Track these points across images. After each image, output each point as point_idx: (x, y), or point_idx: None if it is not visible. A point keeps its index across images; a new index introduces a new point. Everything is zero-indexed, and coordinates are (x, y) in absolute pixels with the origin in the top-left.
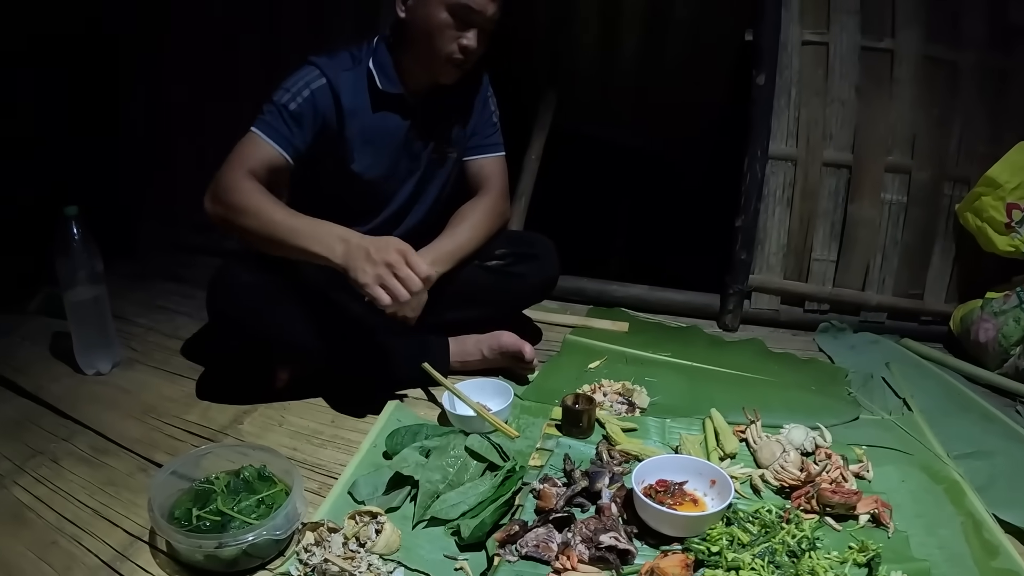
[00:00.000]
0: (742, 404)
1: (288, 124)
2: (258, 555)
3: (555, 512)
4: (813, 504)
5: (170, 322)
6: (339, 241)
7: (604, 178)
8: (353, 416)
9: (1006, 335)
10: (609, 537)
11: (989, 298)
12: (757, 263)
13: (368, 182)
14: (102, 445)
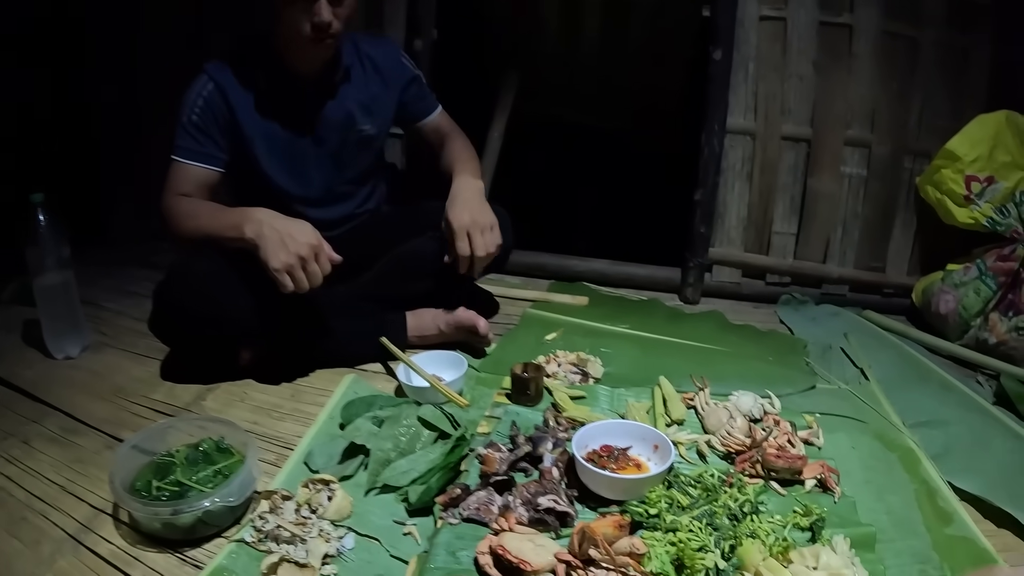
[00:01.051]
0: (694, 373)
1: (196, 138)
2: (214, 523)
3: (496, 476)
4: (758, 469)
5: (139, 306)
6: (252, 223)
7: (568, 159)
8: (316, 385)
9: (966, 307)
10: (548, 500)
11: (950, 270)
12: (717, 236)
13: (281, 173)
14: (71, 425)
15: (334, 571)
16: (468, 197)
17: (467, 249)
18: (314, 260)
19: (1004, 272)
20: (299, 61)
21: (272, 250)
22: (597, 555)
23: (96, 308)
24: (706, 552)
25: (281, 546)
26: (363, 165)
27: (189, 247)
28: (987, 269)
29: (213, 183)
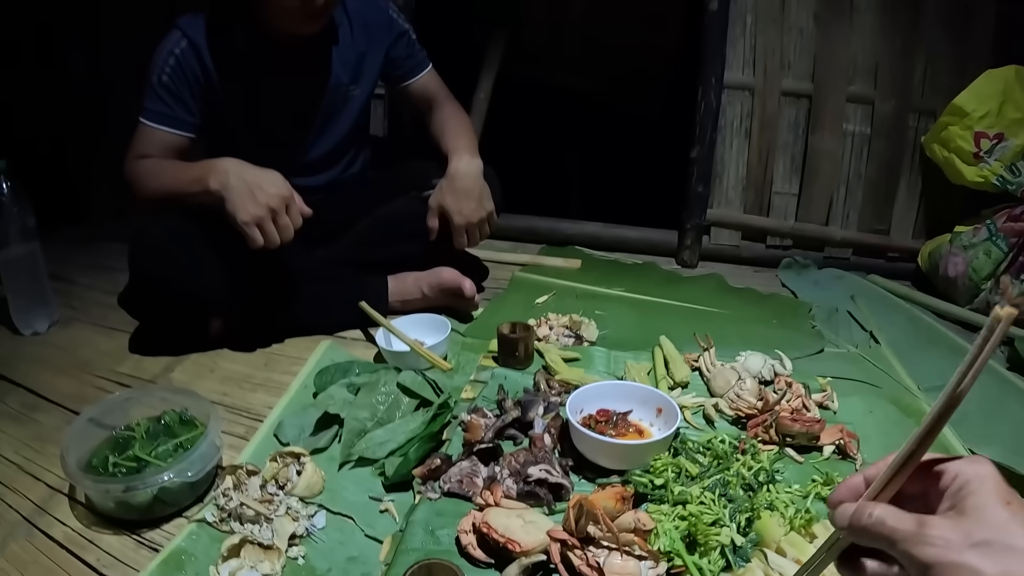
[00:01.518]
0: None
1: (165, 101)
2: (172, 501)
3: (481, 444)
4: (771, 434)
5: (112, 280)
6: (217, 173)
7: (557, 120)
8: (291, 354)
9: (976, 269)
10: (539, 470)
11: (958, 232)
12: (715, 197)
13: (260, 139)
14: (33, 402)
15: (302, 553)
16: (467, 185)
17: (464, 244)
18: (284, 212)
19: (1016, 233)
20: (290, 28)
21: (239, 202)
22: (597, 532)
23: (68, 284)
24: (720, 527)
25: (245, 526)
26: (348, 129)
27: (153, 210)
28: (998, 230)
29: (183, 149)
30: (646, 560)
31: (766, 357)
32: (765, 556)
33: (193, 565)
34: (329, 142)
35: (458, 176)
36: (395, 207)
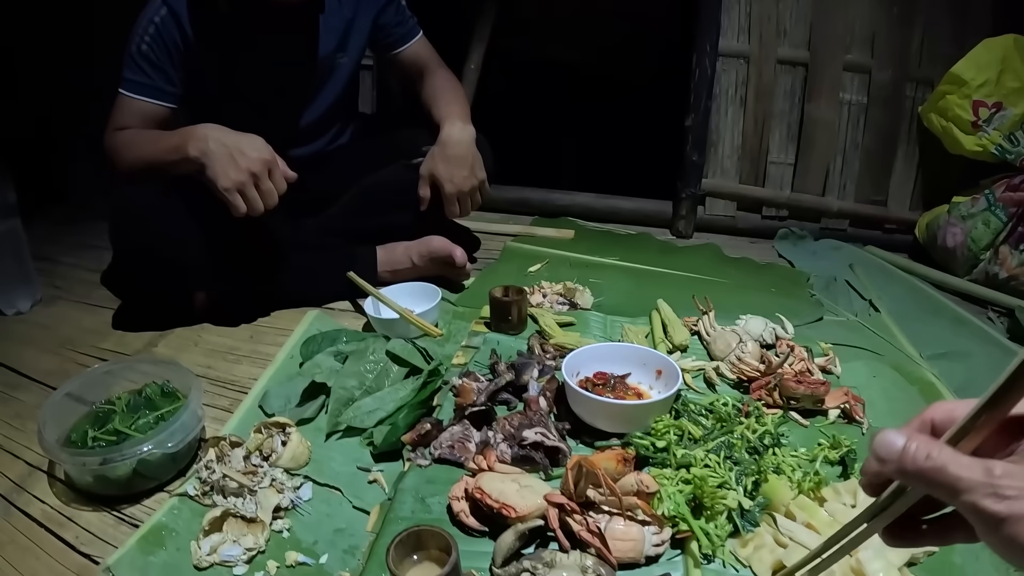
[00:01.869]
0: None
1: (145, 70)
2: (153, 475)
3: (473, 407)
4: (775, 397)
5: (97, 259)
6: (196, 140)
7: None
8: (274, 330)
9: (975, 239)
10: (535, 433)
11: (956, 202)
12: (710, 166)
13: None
14: (14, 380)
15: (287, 525)
16: (460, 152)
17: (456, 213)
18: (267, 177)
19: (1015, 203)
20: None
21: (220, 168)
22: (597, 496)
23: (52, 263)
24: (727, 490)
25: (228, 499)
26: (335, 98)
27: (132, 182)
28: (996, 200)
29: (163, 120)
30: (650, 525)
31: (767, 321)
32: (774, 520)
33: (174, 540)
34: (316, 112)
35: (450, 143)
36: (384, 175)
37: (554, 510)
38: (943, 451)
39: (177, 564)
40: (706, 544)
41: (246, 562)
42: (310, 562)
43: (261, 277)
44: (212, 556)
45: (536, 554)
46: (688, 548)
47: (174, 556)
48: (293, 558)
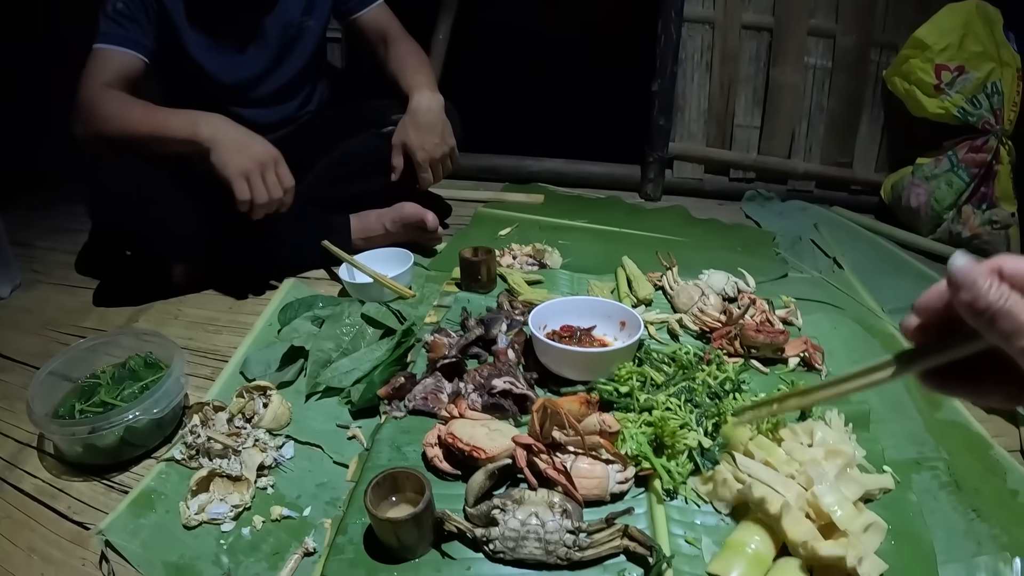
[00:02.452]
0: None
1: (120, 23)
2: (140, 442)
3: (444, 359)
4: (736, 346)
5: (73, 240)
6: (209, 122)
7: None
8: (255, 296)
9: (938, 199)
10: (503, 382)
11: (920, 163)
12: (677, 130)
13: (216, 69)
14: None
15: (271, 482)
16: (430, 120)
17: (428, 180)
18: (273, 171)
19: (977, 164)
20: None
21: (228, 155)
22: (563, 437)
23: (30, 248)
24: (688, 430)
25: (214, 460)
26: (304, 62)
27: (105, 149)
28: (959, 161)
29: (138, 75)
30: (614, 463)
31: (729, 275)
32: (733, 458)
33: (163, 503)
34: (284, 75)
35: (420, 112)
36: (355, 144)
37: (521, 450)
38: (1014, 295)
39: (167, 525)
40: (667, 481)
41: (233, 519)
42: (294, 515)
43: (238, 247)
44: (200, 515)
45: (506, 492)
46: (651, 486)
47: (164, 518)
48: (278, 512)
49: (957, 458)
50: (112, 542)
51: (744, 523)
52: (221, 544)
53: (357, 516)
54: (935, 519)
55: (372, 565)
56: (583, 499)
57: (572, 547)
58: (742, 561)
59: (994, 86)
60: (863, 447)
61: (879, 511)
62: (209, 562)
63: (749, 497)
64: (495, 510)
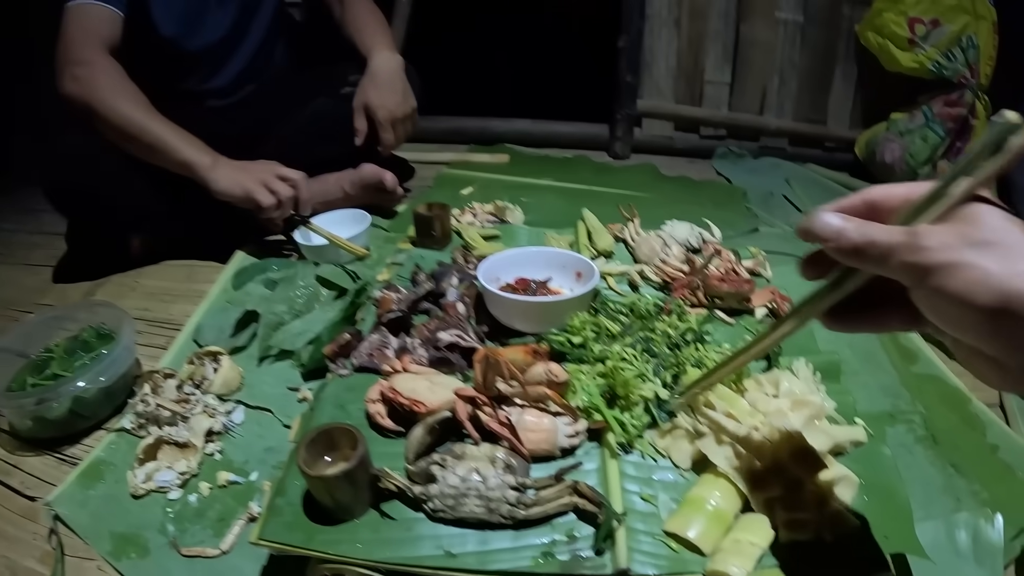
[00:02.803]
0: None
1: None
2: (89, 413)
3: (389, 314)
4: (700, 296)
5: (36, 220)
6: (208, 153)
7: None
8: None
9: (913, 154)
10: (450, 335)
11: (894, 119)
12: (646, 87)
13: (174, 22)
14: None
15: (219, 448)
16: (389, 80)
17: (390, 141)
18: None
19: (952, 118)
20: None
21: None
22: (508, 389)
23: None
24: (644, 381)
25: (163, 428)
26: (265, 25)
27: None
28: (934, 116)
29: (115, 32)
30: (563, 416)
31: (692, 225)
32: (692, 411)
33: (112, 473)
34: (245, 40)
35: (379, 71)
36: (315, 108)
37: (463, 403)
38: (872, 226)
39: (115, 495)
40: (620, 434)
41: (180, 486)
42: (240, 480)
43: (195, 216)
44: (148, 483)
45: (446, 447)
46: (604, 440)
47: (112, 488)
48: (224, 478)
49: (934, 412)
50: (60, 514)
51: (704, 478)
52: (168, 512)
53: (296, 477)
54: (911, 474)
55: (310, 527)
56: (531, 454)
57: (516, 504)
58: (701, 518)
59: (969, 39)
60: (833, 399)
61: (851, 465)
62: (155, 531)
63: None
64: (434, 466)
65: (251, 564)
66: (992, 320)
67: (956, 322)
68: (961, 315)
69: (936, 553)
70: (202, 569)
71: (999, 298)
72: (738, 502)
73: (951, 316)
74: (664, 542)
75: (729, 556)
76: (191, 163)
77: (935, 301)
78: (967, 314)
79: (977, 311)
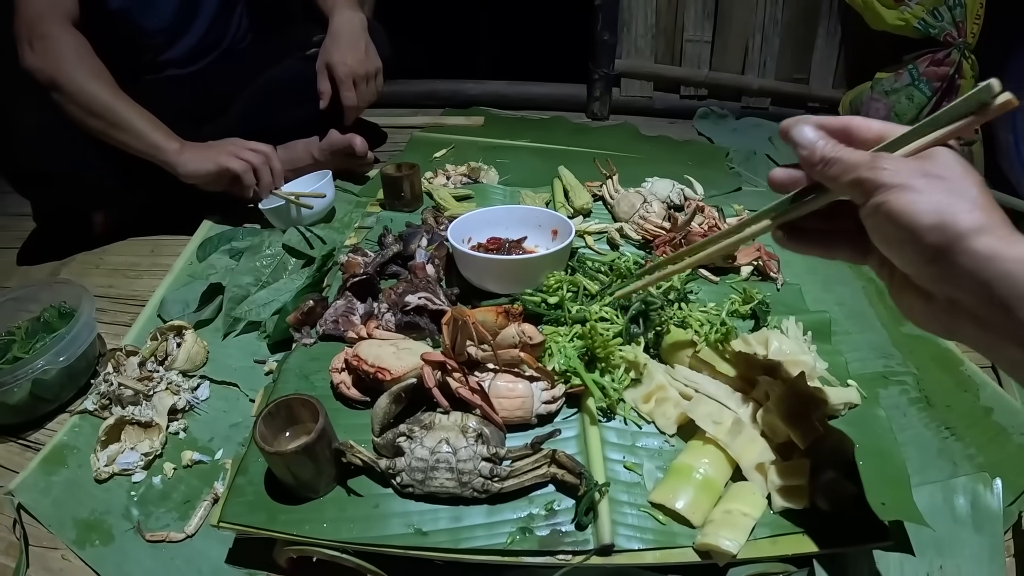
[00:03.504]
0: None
1: None
2: (51, 395)
3: (353, 278)
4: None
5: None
6: (175, 139)
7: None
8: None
9: (899, 114)
10: (417, 297)
11: (879, 78)
12: (624, 47)
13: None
14: None
15: (183, 426)
16: (351, 39)
17: (352, 100)
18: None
19: (938, 78)
20: None
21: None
22: (480, 353)
23: None
24: (624, 342)
25: (127, 408)
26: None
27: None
28: (920, 75)
29: (75, 8)
30: (538, 381)
31: (674, 182)
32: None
33: (76, 457)
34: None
35: (341, 31)
36: (279, 73)
37: (429, 368)
38: (841, 146)
39: (79, 480)
40: (600, 398)
41: (144, 467)
42: (205, 459)
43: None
44: (110, 467)
45: (415, 417)
46: (584, 405)
47: (76, 473)
48: (188, 457)
49: (926, 373)
50: (22, 502)
51: (692, 444)
52: (132, 496)
53: (257, 455)
54: (906, 437)
55: (273, 507)
56: (505, 422)
57: (490, 477)
58: (689, 488)
59: None
60: (825, 359)
61: (845, 428)
62: (119, 515)
63: (694, 415)
64: (401, 438)
65: (217, 547)
66: (927, 244)
67: (895, 243)
68: (901, 236)
69: (935, 519)
70: (167, 554)
71: (936, 221)
72: (728, 470)
73: (892, 237)
74: (650, 514)
75: (720, 528)
76: (159, 147)
77: (880, 221)
78: (906, 235)
79: (915, 232)
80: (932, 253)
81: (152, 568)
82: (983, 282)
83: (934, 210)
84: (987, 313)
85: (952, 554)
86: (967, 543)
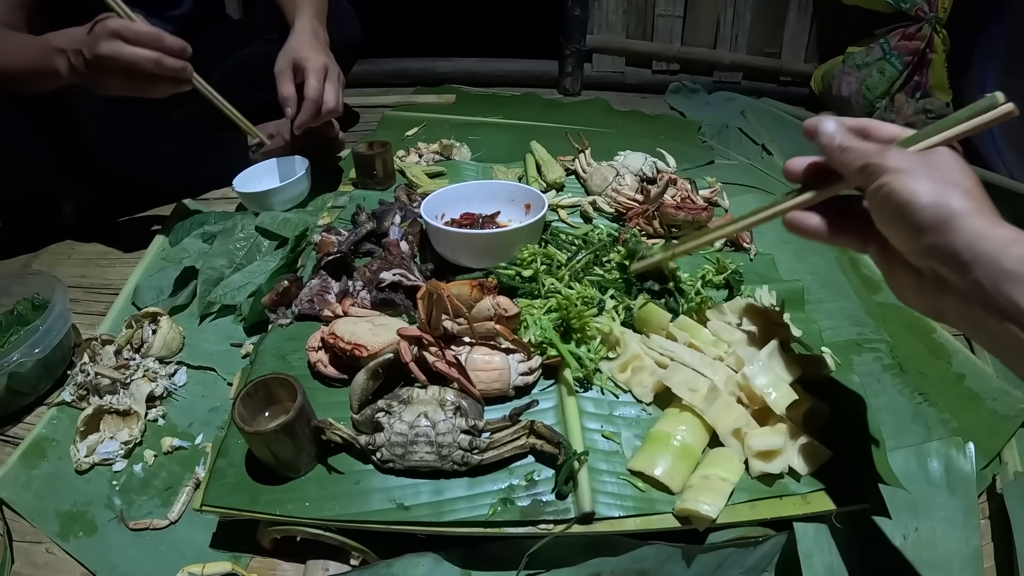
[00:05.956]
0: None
1: None
2: (27, 388)
3: (327, 256)
4: (655, 226)
5: None
6: (58, 54)
7: None
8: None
9: (870, 87)
10: (392, 274)
11: (851, 52)
12: (595, 21)
13: None
14: None
15: (162, 413)
16: (317, 42)
17: (332, 93)
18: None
19: (910, 51)
20: None
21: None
22: (455, 326)
23: None
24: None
25: (105, 398)
26: None
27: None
28: (891, 49)
29: None
30: (515, 353)
31: (646, 156)
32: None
33: (55, 450)
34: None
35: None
36: (246, 54)
37: (406, 343)
38: (859, 140)
39: (60, 472)
40: (577, 369)
41: (124, 456)
42: (185, 445)
43: (128, 175)
44: (91, 457)
45: (393, 393)
46: (561, 376)
47: (56, 465)
48: (168, 444)
49: (899, 340)
50: (4, 498)
51: (668, 412)
52: (113, 485)
53: (237, 436)
54: (880, 402)
55: (254, 488)
56: (483, 395)
57: (469, 449)
58: (667, 455)
59: None
60: (799, 327)
61: (820, 394)
62: (102, 506)
63: (671, 383)
64: (379, 414)
65: (201, 532)
66: (922, 219)
67: (894, 219)
68: (899, 214)
69: (910, 482)
70: (151, 541)
71: (932, 200)
72: (705, 436)
73: (892, 215)
74: (629, 481)
75: (699, 493)
76: (56, 73)
77: (883, 199)
78: (905, 212)
79: (913, 209)
80: (926, 227)
81: (137, 556)
82: (971, 257)
83: (931, 191)
84: (972, 288)
85: (927, 516)
86: (942, 506)
